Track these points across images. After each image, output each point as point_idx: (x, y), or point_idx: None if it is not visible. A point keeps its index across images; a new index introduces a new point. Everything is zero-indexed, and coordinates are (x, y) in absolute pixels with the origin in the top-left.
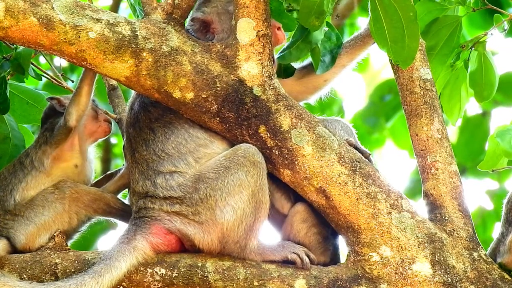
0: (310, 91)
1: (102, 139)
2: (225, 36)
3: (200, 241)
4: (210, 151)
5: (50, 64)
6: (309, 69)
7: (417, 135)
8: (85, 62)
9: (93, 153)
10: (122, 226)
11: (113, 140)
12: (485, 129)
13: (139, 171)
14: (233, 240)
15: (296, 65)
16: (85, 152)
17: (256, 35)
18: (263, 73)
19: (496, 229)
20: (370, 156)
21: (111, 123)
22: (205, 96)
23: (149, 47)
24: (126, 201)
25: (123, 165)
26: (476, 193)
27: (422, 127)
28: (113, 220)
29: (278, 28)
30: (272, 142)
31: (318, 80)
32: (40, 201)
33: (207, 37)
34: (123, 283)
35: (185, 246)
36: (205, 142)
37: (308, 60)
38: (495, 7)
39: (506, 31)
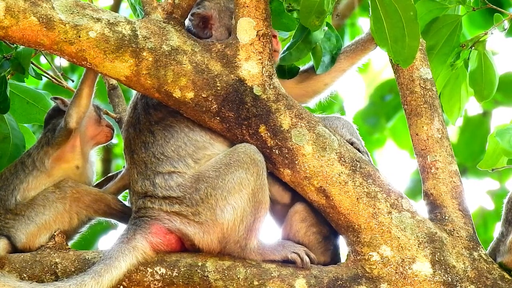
0: (310, 94)
1: (104, 144)
2: (223, 33)
3: (200, 241)
4: (210, 152)
5: (50, 63)
6: (309, 73)
7: (417, 134)
8: (85, 62)
9: (95, 155)
10: (122, 227)
11: (114, 140)
12: (485, 129)
13: (137, 172)
14: (234, 240)
15: None
16: (87, 154)
17: (256, 35)
18: (263, 72)
19: (497, 229)
20: (364, 154)
21: (113, 130)
22: (205, 96)
23: (149, 47)
24: (127, 203)
25: (124, 166)
26: (477, 193)
27: (422, 126)
28: (113, 221)
29: (274, 37)
30: (272, 142)
31: (318, 84)
32: (41, 201)
33: (205, 32)
34: (123, 283)
35: (185, 246)
36: (204, 144)
37: (308, 64)
38: (495, 7)
39: (506, 31)
